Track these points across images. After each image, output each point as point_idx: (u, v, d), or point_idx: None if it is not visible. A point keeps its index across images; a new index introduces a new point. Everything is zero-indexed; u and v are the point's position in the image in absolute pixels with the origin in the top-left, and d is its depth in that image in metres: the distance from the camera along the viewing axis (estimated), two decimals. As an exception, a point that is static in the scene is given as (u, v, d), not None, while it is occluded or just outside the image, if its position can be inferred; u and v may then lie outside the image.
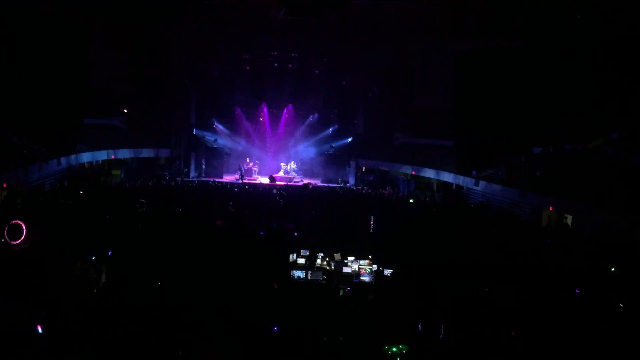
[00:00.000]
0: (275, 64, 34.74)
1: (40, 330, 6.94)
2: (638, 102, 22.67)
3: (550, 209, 22.17)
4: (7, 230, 10.34)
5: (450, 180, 30.03)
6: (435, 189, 32.05)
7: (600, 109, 23.44)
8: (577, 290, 10.05)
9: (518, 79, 25.76)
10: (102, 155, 30.12)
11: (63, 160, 25.47)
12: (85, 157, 28.44)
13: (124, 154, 32.19)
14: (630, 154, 21.65)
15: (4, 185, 20.14)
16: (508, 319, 8.50)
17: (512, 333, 7.90)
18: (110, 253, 12.07)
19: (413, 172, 32.49)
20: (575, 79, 24.08)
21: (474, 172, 27.62)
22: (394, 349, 7.26)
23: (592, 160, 22.84)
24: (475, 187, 27.32)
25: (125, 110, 34.20)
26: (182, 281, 10.06)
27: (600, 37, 23.89)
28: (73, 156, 26.77)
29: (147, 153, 33.64)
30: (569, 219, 21.67)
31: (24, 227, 10.52)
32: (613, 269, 12.40)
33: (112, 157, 30.97)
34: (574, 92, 24.08)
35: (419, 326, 7.96)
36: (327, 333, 7.70)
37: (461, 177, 28.75)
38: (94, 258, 11.11)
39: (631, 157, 21.46)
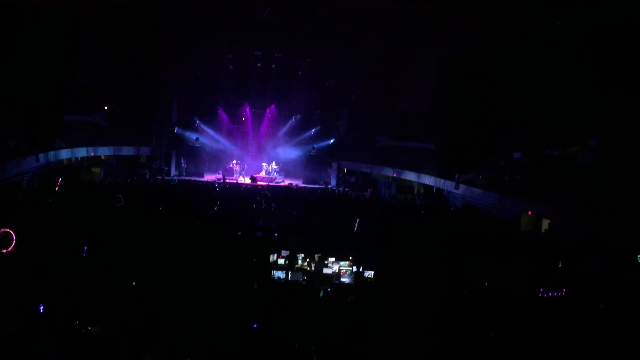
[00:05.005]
0: (259, 64, 34.38)
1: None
2: (618, 108, 22.83)
3: (529, 213, 22.40)
4: None
5: (430, 183, 30.16)
6: (416, 191, 32.18)
7: (581, 115, 23.57)
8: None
9: (499, 84, 25.82)
10: (81, 152, 29.80)
11: (41, 156, 25.08)
12: (64, 153, 28.10)
13: (104, 151, 31.88)
14: (609, 160, 21.91)
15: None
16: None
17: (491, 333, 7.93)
18: (85, 249, 11.92)
19: (394, 175, 32.60)
20: (557, 84, 24.16)
21: (455, 176, 27.75)
22: None
23: (570, 165, 23.07)
24: (455, 191, 27.48)
25: (106, 107, 33.72)
26: (161, 280, 9.98)
27: (583, 44, 23.99)
28: (52, 153, 26.38)
29: (127, 151, 33.26)
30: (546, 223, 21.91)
31: (13, 236, 10.52)
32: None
33: (92, 154, 30.62)
34: (555, 98, 24.15)
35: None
36: (304, 334, 7.64)
37: (442, 180, 28.90)
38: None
39: (609, 164, 21.72)
